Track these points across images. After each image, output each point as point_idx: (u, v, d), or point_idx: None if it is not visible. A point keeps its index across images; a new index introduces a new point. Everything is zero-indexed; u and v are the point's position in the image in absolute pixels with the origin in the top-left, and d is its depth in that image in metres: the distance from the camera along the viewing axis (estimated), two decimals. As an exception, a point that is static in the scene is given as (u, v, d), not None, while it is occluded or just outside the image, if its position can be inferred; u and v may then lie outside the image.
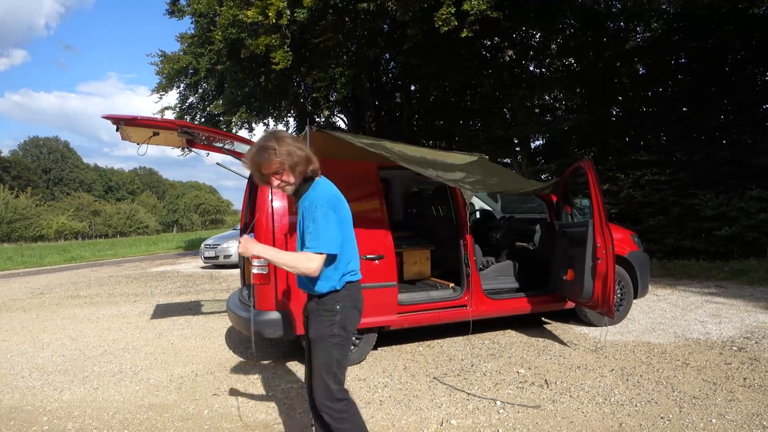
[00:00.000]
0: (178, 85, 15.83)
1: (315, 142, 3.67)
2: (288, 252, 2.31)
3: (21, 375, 4.35)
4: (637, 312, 5.76)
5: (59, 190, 66.78)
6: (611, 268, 4.16)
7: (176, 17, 15.33)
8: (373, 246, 4.10)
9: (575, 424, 2.98)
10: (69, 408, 3.54)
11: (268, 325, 3.92)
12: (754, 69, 10.53)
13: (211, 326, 5.99)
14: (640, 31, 12.85)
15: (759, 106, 10.31)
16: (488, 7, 8.53)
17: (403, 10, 9.34)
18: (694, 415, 3.03)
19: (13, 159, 63.32)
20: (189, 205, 74.15)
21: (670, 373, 3.76)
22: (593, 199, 4.26)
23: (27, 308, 7.90)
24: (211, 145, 4.69)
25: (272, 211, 3.94)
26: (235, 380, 3.98)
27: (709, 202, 9.14)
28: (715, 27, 10.19)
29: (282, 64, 10.69)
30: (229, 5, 11.43)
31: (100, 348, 5.17)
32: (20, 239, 45.00)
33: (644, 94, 12.28)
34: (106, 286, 10.46)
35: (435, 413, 3.21)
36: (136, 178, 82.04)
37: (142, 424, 3.20)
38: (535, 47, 14.25)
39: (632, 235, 5.68)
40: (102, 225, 56.62)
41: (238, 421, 3.21)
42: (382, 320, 4.18)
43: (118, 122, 3.61)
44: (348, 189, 4.11)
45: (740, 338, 4.60)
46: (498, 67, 13.99)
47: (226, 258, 12.82)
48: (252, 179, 4.91)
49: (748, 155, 9.33)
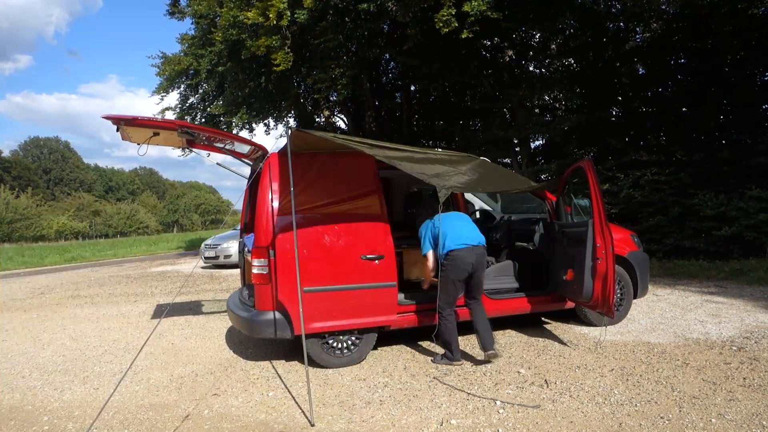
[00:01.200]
0: (179, 86, 15.85)
1: (296, 142, 3.70)
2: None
3: (21, 375, 4.35)
4: (637, 312, 5.76)
5: (60, 190, 66.85)
6: (611, 268, 4.16)
7: (177, 18, 15.37)
8: (373, 246, 4.11)
9: (575, 423, 2.98)
10: (69, 408, 3.55)
11: (268, 325, 3.93)
12: (754, 69, 10.53)
13: (212, 326, 5.99)
14: (640, 32, 12.85)
15: (758, 106, 10.33)
16: (488, 7, 8.54)
17: (404, 11, 9.35)
18: (693, 414, 3.04)
19: (13, 159, 63.41)
20: (189, 205, 74.21)
21: (669, 372, 3.76)
22: (593, 199, 4.26)
23: (27, 308, 7.91)
24: (212, 145, 4.70)
25: (272, 211, 3.95)
26: (236, 380, 3.98)
27: (709, 202, 9.14)
28: (715, 27, 10.19)
29: (283, 65, 10.70)
30: (230, 6, 11.45)
31: (101, 348, 5.17)
32: (21, 239, 45.04)
33: (644, 95, 12.28)
34: (106, 286, 10.47)
35: (435, 413, 3.21)
36: (137, 179, 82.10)
37: (143, 424, 3.21)
38: (534, 47, 14.25)
39: (632, 235, 5.69)
40: (102, 225, 56.67)
41: (238, 421, 3.22)
42: (382, 320, 4.18)
43: (118, 122, 3.62)
44: (348, 187, 4.16)
45: (740, 338, 4.60)
46: (498, 68, 13.99)
47: (226, 258, 12.83)
48: (252, 179, 4.92)
49: (747, 155, 9.33)
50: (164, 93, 15.40)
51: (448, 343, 4.10)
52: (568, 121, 12.65)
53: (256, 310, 4.02)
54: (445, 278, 4.04)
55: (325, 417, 3.21)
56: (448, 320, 4.07)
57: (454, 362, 4.10)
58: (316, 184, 4.05)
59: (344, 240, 4.04)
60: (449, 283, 4.03)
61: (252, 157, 4.87)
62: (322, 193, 4.07)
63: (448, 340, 4.08)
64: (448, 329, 4.07)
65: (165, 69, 14.76)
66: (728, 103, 10.80)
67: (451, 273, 4.01)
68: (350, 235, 4.07)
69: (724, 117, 10.81)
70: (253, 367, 4.32)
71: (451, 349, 4.10)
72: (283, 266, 3.86)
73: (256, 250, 3.96)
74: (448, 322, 4.07)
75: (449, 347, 4.11)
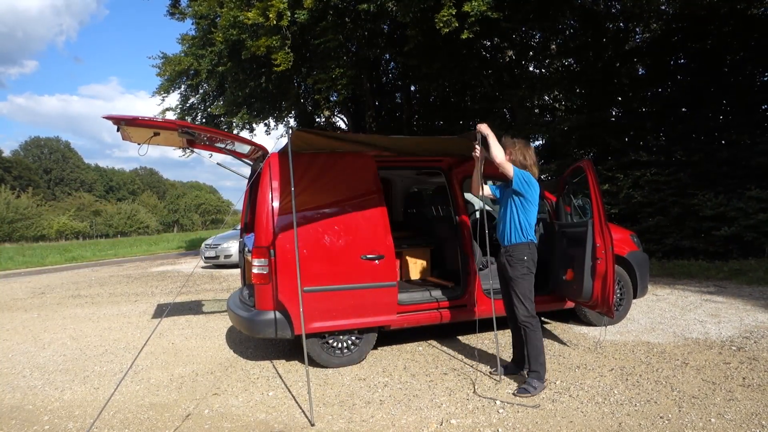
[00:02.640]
0: (180, 87, 15.86)
1: (296, 142, 3.71)
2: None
3: (22, 374, 4.36)
4: (637, 312, 5.77)
5: (60, 190, 66.88)
6: (611, 268, 4.17)
7: (177, 19, 15.37)
8: (373, 246, 4.12)
9: (575, 423, 2.99)
10: (70, 407, 3.55)
11: (268, 325, 3.94)
12: (753, 69, 10.54)
13: (212, 326, 6.00)
14: (640, 32, 12.87)
15: (758, 106, 10.33)
16: (488, 8, 8.54)
17: (404, 12, 9.35)
18: (693, 414, 3.04)
19: (14, 159, 63.44)
20: (189, 205, 74.21)
21: (669, 372, 3.77)
22: (593, 199, 4.27)
23: (28, 308, 7.92)
24: (212, 145, 4.70)
25: (272, 211, 3.96)
26: (236, 380, 3.99)
27: (708, 202, 9.16)
28: (714, 28, 10.21)
29: (283, 65, 10.70)
30: (230, 7, 11.45)
31: (101, 347, 5.18)
32: (21, 239, 45.10)
33: (643, 95, 12.29)
34: (106, 285, 10.48)
35: (435, 413, 3.22)
36: (137, 178, 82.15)
37: (143, 424, 3.21)
38: (534, 47, 14.25)
39: (632, 235, 5.69)
40: (103, 225, 56.68)
41: (239, 420, 3.22)
42: (382, 320, 4.19)
43: (118, 123, 3.62)
44: (348, 187, 4.17)
45: (739, 338, 4.61)
46: (498, 68, 13.99)
47: (226, 258, 12.84)
48: (253, 179, 4.94)
49: (747, 155, 9.35)
50: (165, 93, 15.41)
51: (542, 356, 3.51)
52: (568, 121, 12.64)
53: (256, 310, 4.03)
54: (530, 273, 3.54)
55: (325, 416, 3.22)
56: (538, 328, 3.53)
57: (545, 383, 3.52)
58: (316, 184, 4.06)
59: (344, 240, 4.05)
60: (532, 278, 3.56)
61: (252, 157, 4.88)
62: (323, 193, 4.08)
63: (541, 350, 3.51)
64: (540, 338, 3.54)
65: (165, 69, 14.77)
66: (728, 103, 10.81)
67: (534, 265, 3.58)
68: (350, 234, 4.08)
69: (724, 117, 10.82)
70: (254, 366, 4.33)
71: (544, 364, 3.52)
72: (283, 266, 3.87)
73: (256, 250, 3.97)
74: (539, 330, 3.54)
75: (543, 363, 3.51)
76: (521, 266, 3.50)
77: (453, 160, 4.86)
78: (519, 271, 3.50)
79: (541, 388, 3.44)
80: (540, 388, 3.43)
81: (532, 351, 3.49)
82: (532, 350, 3.49)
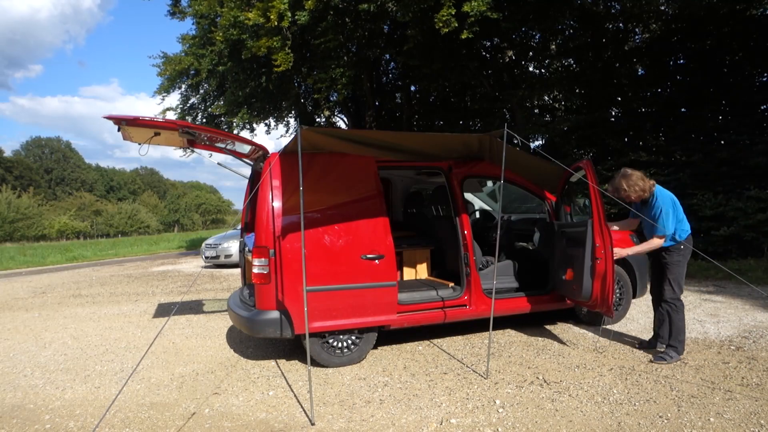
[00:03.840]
0: (180, 87, 15.86)
1: (307, 138, 3.71)
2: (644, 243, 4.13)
3: (23, 373, 4.38)
4: (636, 311, 5.78)
5: (61, 190, 66.87)
6: (610, 268, 4.18)
7: (178, 19, 15.37)
8: (373, 246, 4.13)
9: (574, 423, 3.00)
10: (71, 406, 3.57)
11: (268, 324, 3.95)
12: (752, 70, 10.55)
13: (212, 325, 6.01)
14: (639, 32, 12.87)
15: (757, 106, 10.34)
16: (488, 8, 8.55)
17: (404, 12, 9.37)
18: (692, 413, 3.06)
19: (15, 159, 63.46)
20: (190, 205, 74.21)
21: (668, 372, 3.79)
22: (592, 199, 4.28)
23: (29, 307, 7.93)
24: (213, 145, 4.72)
25: (272, 211, 3.97)
26: (236, 379, 4.00)
27: (708, 202, 9.16)
28: (714, 28, 10.21)
29: (283, 66, 10.71)
30: (230, 6, 11.46)
31: (102, 347, 5.20)
32: (22, 239, 45.14)
33: (643, 95, 12.30)
34: (107, 285, 10.49)
35: (435, 412, 3.23)
36: (138, 178, 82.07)
37: (144, 423, 3.23)
38: (534, 48, 14.25)
39: (631, 236, 5.69)
40: (103, 225, 56.70)
41: (239, 419, 3.24)
42: (382, 320, 4.20)
43: (119, 122, 3.63)
44: (348, 187, 4.18)
45: (738, 337, 4.62)
46: (498, 68, 13.99)
47: (227, 257, 12.85)
48: (253, 179, 4.95)
49: (746, 155, 9.35)
50: (165, 93, 15.40)
51: (682, 335, 4.07)
52: (568, 121, 12.66)
53: (256, 310, 4.05)
54: (683, 263, 4.05)
55: (326, 416, 3.23)
56: (681, 310, 4.08)
57: (681, 356, 4.07)
58: (316, 183, 4.07)
59: (344, 239, 4.06)
60: (685, 267, 4.08)
61: (252, 157, 4.89)
62: (323, 193, 4.09)
63: (683, 330, 4.06)
64: (683, 319, 4.08)
65: (166, 69, 14.77)
66: (727, 103, 10.82)
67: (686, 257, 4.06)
68: (350, 234, 4.09)
69: (723, 117, 10.82)
70: (254, 366, 4.34)
71: (683, 342, 4.08)
72: (283, 266, 3.88)
73: (256, 250, 3.98)
74: (682, 311, 4.08)
75: (682, 341, 4.07)
76: (677, 254, 4.01)
77: (453, 160, 4.87)
78: (675, 258, 4.03)
79: (676, 359, 3.99)
80: (675, 359, 3.99)
81: (674, 329, 4.03)
82: (674, 328, 4.03)
